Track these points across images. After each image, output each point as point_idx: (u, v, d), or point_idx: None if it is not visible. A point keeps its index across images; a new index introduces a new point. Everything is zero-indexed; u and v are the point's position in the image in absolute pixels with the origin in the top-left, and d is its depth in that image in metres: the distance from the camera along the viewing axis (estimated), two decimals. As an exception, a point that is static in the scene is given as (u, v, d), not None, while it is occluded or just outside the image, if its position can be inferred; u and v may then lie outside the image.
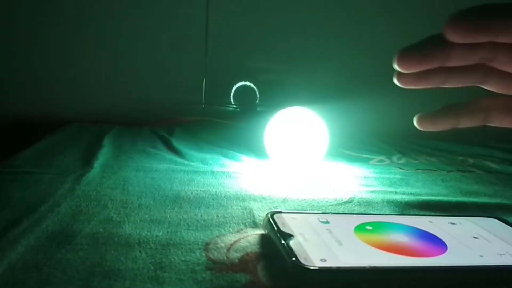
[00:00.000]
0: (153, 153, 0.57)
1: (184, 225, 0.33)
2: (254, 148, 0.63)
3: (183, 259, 0.28)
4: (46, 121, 0.78)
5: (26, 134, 0.65)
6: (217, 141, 0.70)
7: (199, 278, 0.26)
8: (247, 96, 0.80)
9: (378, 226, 0.32)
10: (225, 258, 0.28)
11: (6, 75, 0.80)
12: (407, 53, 0.24)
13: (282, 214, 0.32)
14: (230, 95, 0.82)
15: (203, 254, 0.29)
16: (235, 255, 0.28)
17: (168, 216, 0.35)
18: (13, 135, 0.67)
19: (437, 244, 0.30)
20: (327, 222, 0.32)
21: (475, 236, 0.32)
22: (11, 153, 0.52)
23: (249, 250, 0.29)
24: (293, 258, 0.25)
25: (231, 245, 0.30)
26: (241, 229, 0.33)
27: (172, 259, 0.28)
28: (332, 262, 0.25)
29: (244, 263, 0.27)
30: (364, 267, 0.25)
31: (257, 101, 0.80)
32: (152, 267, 0.27)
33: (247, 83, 0.81)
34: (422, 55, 0.24)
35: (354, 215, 0.35)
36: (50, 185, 0.41)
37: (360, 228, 0.31)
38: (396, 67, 0.25)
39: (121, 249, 0.29)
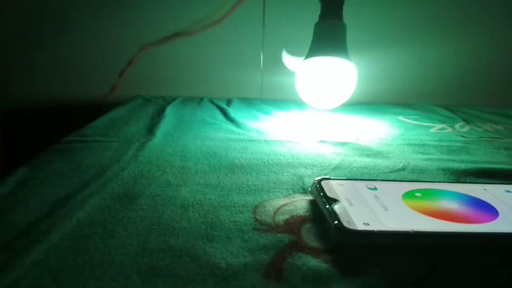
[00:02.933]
0: (211, 123, 0.59)
1: (235, 190, 0.35)
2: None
3: (232, 220, 0.30)
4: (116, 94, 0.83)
5: (96, 107, 0.70)
6: (273, 110, 0.70)
7: (246, 237, 0.27)
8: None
9: (428, 193, 0.32)
10: (271, 220, 0.29)
11: (79, 56, 0.85)
12: None
13: (330, 181, 0.32)
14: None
15: (251, 216, 0.30)
16: (280, 218, 0.30)
17: (221, 181, 0.37)
18: (84, 108, 0.72)
19: (488, 211, 0.29)
20: (375, 189, 0.32)
21: (508, 190, 0.31)
22: (83, 124, 0.57)
23: (294, 214, 0.30)
24: (336, 222, 0.26)
25: (278, 208, 0.31)
26: (289, 194, 0.34)
27: (222, 220, 0.30)
28: (375, 226, 0.26)
29: (288, 225, 0.29)
30: (407, 231, 0.25)
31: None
32: (203, 226, 0.29)
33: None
34: None
35: (404, 182, 0.34)
36: (116, 152, 0.44)
37: (408, 194, 0.31)
38: None
39: (176, 210, 0.31)
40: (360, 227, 0.25)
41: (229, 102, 0.75)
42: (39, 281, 0.23)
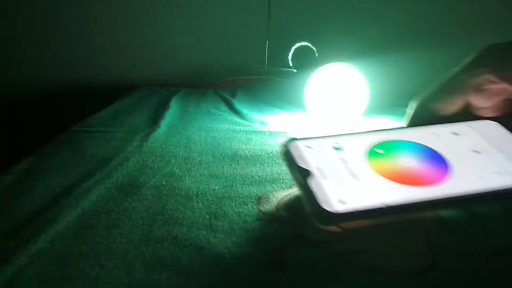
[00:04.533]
0: (215, 114, 0.59)
1: (239, 180, 0.35)
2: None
3: (236, 210, 0.30)
4: (120, 86, 0.83)
5: (101, 98, 0.70)
6: (277, 102, 0.70)
7: (249, 228, 0.27)
8: (306, 56, 0.80)
9: (387, 148, 0.32)
10: (275, 211, 0.29)
11: (80, 44, 0.85)
12: None
13: (298, 142, 0.31)
14: (292, 55, 0.81)
15: (255, 206, 0.30)
16: (284, 209, 0.30)
17: (225, 172, 0.37)
18: (89, 100, 0.73)
19: (441, 165, 0.30)
20: (341, 149, 0.31)
21: (475, 149, 0.31)
22: (88, 115, 0.57)
23: (298, 205, 0.30)
24: (314, 204, 0.25)
25: (282, 199, 0.31)
26: (293, 185, 0.34)
27: (226, 210, 0.30)
28: (350, 204, 0.25)
29: (292, 216, 0.29)
30: (382, 207, 0.25)
31: (316, 60, 0.79)
32: (207, 216, 0.29)
33: (306, 43, 0.80)
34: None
35: (364, 134, 0.33)
36: (121, 143, 0.44)
37: (371, 153, 0.31)
38: None
39: (180, 200, 0.31)
40: (337, 207, 0.25)
41: (233, 93, 0.75)
42: (44, 269, 0.23)
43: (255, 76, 0.84)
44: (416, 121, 0.33)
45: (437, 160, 0.30)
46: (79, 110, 0.59)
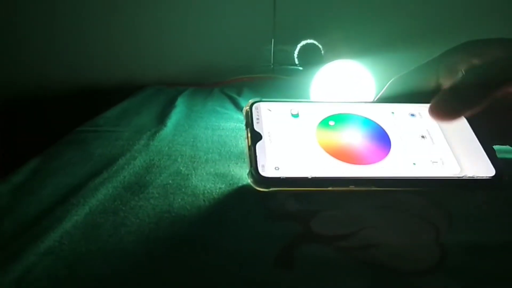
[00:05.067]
0: (222, 112, 0.59)
1: (245, 179, 0.35)
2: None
3: (242, 208, 0.30)
4: (127, 86, 0.84)
5: (109, 98, 0.70)
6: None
7: (256, 226, 0.27)
8: (312, 53, 0.80)
9: (339, 121, 0.33)
10: (282, 208, 0.29)
11: (86, 45, 0.86)
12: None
13: (261, 104, 0.33)
14: (297, 53, 0.81)
15: (262, 204, 0.30)
16: (291, 206, 0.30)
17: (232, 170, 0.37)
18: (96, 100, 0.73)
19: (383, 146, 0.31)
20: (297, 116, 0.33)
21: (423, 134, 0.32)
22: (95, 115, 0.57)
23: (306, 205, 0.30)
24: (251, 167, 0.28)
25: (289, 197, 0.31)
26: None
27: (232, 208, 0.30)
28: (282, 171, 0.28)
29: (299, 213, 0.29)
30: (306, 177, 0.28)
31: (322, 57, 0.79)
32: (214, 215, 0.29)
33: (312, 41, 0.80)
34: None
35: (324, 104, 0.34)
36: (128, 142, 0.44)
37: (322, 124, 0.32)
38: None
39: (187, 198, 0.31)
40: (270, 172, 0.28)
41: (239, 91, 0.75)
42: (52, 267, 0.24)
43: (261, 75, 0.84)
44: (388, 94, 0.34)
45: (381, 141, 0.32)
46: (85, 110, 0.59)
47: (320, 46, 0.80)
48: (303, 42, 0.80)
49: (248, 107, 0.33)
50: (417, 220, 0.28)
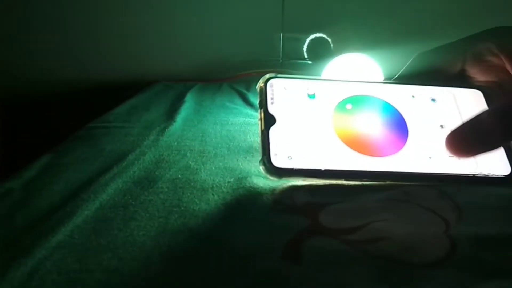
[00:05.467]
0: (231, 108, 0.59)
1: (254, 172, 0.35)
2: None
3: (251, 202, 0.30)
4: (136, 82, 0.84)
5: (118, 94, 0.71)
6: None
7: (264, 219, 0.28)
8: (321, 47, 0.79)
9: (357, 104, 0.32)
10: (290, 202, 0.29)
11: (95, 42, 0.86)
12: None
13: (276, 81, 0.32)
14: (307, 47, 0.81)
15: (270, 198, 0.30)
16: (299, 200, 0.30)
17: (240, 164, 0.37)
18: (106, 96, 0.73)
19: (401, 136, 0.30)
20: (313, 96, 0.32)
21: (442, 124, 0.31)
22: (105, 111, 0.57)
23: (313, 196, 0.30)
24: (264, 155, 0.28)
25: (297, 190, 0.31)
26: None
27: (241, 202, 0.30)
28: (295, 162, 0.28)
29: (307, 207, 0.29)
30: (320, 169, 0.28)
31: (332, 51, 0.79)
32: (222, 208, 0.29)
33: (321, 34, 0.79)
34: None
35: (345, 84, 0.33)
36: (137, 137, 0.44)
37: (340, 107, 0.31)
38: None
39: (196, 192, 0.32)
40: (283, 162, 0.28)
41: (248, 86, 0.75)
42: (63, 261, 0.24)
43: (270, 69, 0.84)
44: (411, 69, 0.33)
45: (399, 130, 0.31)
46: (95, 106, 0.59)
47: (329, 40, 0.80)
48: (312, 36, 0.80)
49: (262, 83, 0.31)
50: (426, 212, 0.28)
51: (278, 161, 0.28)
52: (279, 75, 0.32)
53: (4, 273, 0.23)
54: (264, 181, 0.33)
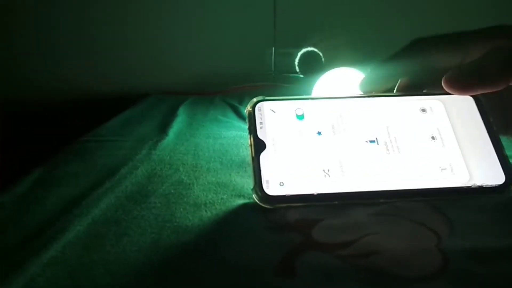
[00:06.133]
0: (223, 121, 0.59)
1: (247, 188, 0.35)
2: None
3: (244, 218, 0.30)
4: (128, 95, 0.84)
5: (110, 107, 0.71)
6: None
7: (258, 235, 0.28)
8: (313, 61, 0.80)
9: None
10: (282, 219, 0.30)
11: (86, 55, 0.86)
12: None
13: (264, 104, 0.32)
14: (298, 61, 0.82)
15: (263, 214, 0.30)
16: (292, 217, 0.30)
17: (233, 180, 0.37)
18: (98, 110, 0.73)
19: (391, 152, 0.30)
20: (302, 117, 0.32)
21: (433, 135, 0.31)
22: (97, 125, 0.57)
23: (306, 212, 0.30)
24: (255, 183, 0.28)
25: (290, 207, 0.31)
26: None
27: (234, 218, 0.30)
28: (287, 188, 0.28)
29: (300, 223, 0.29)
30: (312, 194, 0.28)
31: (323, 65, 0.80)
32: (215, 224, 0.29)
33: (312, 48, 0.80)
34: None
35: (333, 101, 0.33)
36: (130, 151, 0.44)
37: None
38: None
39: (189, 208, 0.32)
40: (275, 190, 0.28)
41: (241, 100, 0.76)
42: (55, 278, 0.24)
43: (262, 83, 0.85)
44: (405, 55, 0.32)
45: (389, 146, 0.31)
46: (87, 120, 0.59)
47: (320, 54, 0.81)
48: (304, 50, 0.81)
49: (250, 108, 0.32)
50: (418, 226, 0.28)
51: (270, 188, 0.28)
52: (266, 98, 0.32)
53: (-4, 290, 0.23)
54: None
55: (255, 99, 0.32)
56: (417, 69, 0.31)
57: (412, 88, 0.32)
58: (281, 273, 0.24)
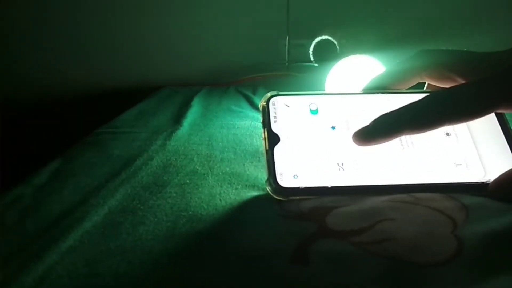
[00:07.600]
0: (237, 111, 0.59)
1: (261, 178, 0.35)
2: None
3: (258, 207, 0.30)
4: (142, 87, 0.85)
5: (125, 100, 0.71)
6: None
7: (272, 224, 0.28)
8: (327, 49, 0.79)
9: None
10: (297, 207, 0.29)
11: (101, 48, 0.87)
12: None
13: (278, 98, 0.32)
14: (312, 50, 0.81)
15: (277, 203, 0.30)
16: (306, 205, 0.30)
17: (247, 170, 0.37)
18: (113, 102, 0.74)
19: (406, 147, 0.30)
20: (316, 112, 0.32)
21: (448, 131, 0.31)
22: (113, 117, 0.58)
23: (320, 200, 0.30)
24: (270, 175, 0.28)
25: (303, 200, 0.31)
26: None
27: (249, 207, 0.30)
28: (301, 180, 0.28)
29: (314, 211, 0.29)
30: (326, 186, 0.28)
31: (338, 53, 0.79)
32: (230, 213, 0.29)
33: (326, 37, 0.79)
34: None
35: (347, 97, 0.33)
36: (145, 143, 0.45)
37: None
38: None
39: (204, 198, 0.32)
40: (289, 182, 0.28)
41: (254, 90, 0.76)
42: (73, 266, 0.24)
43: (276, 72, 0.84)
44: (413, 65, 0.32)
45: (404, 141, 0.31)
46: (102, 112, 0.60)
47: (335, 42, 0.80)
48: (318, 38, 0.80)
49: (264, 102, 0.32)
50: (434, 212, 0.28)
51: (284, 180, 0.28)
52: (280, 93, 0.32)
53: (15, 278, 0.23)
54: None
55: (269, 94, 0.32)
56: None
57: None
58: (296, 261, 0.24)
